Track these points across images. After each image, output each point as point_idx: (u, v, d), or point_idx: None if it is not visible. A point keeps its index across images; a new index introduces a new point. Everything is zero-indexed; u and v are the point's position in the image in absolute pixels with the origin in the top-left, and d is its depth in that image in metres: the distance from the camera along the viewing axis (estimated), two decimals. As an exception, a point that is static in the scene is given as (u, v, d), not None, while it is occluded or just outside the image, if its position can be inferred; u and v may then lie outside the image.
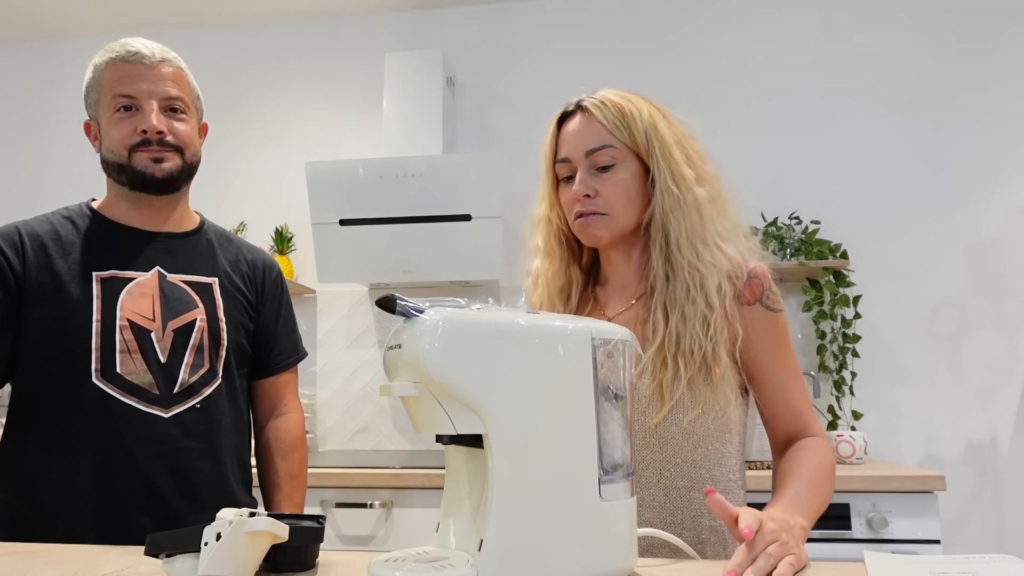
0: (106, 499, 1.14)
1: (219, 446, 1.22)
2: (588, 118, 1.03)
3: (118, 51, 1.20)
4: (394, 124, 2.61)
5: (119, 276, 1.20)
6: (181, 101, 1.23)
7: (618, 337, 0.73)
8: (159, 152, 1.20)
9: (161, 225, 1.28)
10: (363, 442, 2.73)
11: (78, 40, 3.13)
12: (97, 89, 1.22)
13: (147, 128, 1.18)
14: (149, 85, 1.19)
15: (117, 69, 1.20)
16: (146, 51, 1.21)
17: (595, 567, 0.69)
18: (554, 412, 0.68)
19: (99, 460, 1.13)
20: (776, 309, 1.03)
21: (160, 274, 1.23)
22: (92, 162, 3.29)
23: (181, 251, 1.27)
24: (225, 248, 1.35)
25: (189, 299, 1.24)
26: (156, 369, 1.17)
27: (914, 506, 1.85)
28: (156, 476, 1.15)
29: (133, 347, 1.16)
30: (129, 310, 1.18)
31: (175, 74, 1.23)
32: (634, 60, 2.79)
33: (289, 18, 3.02)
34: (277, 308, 1.39)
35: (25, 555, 0.86)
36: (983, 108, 2.58)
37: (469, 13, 2.91)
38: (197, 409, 1.20)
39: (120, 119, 1.19)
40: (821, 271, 2.46)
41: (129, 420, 1.15)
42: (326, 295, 2.83)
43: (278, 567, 0.76)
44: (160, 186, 1.23)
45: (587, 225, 1.03)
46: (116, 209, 1.26)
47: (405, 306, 0.67)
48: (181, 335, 1.20)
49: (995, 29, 2.60)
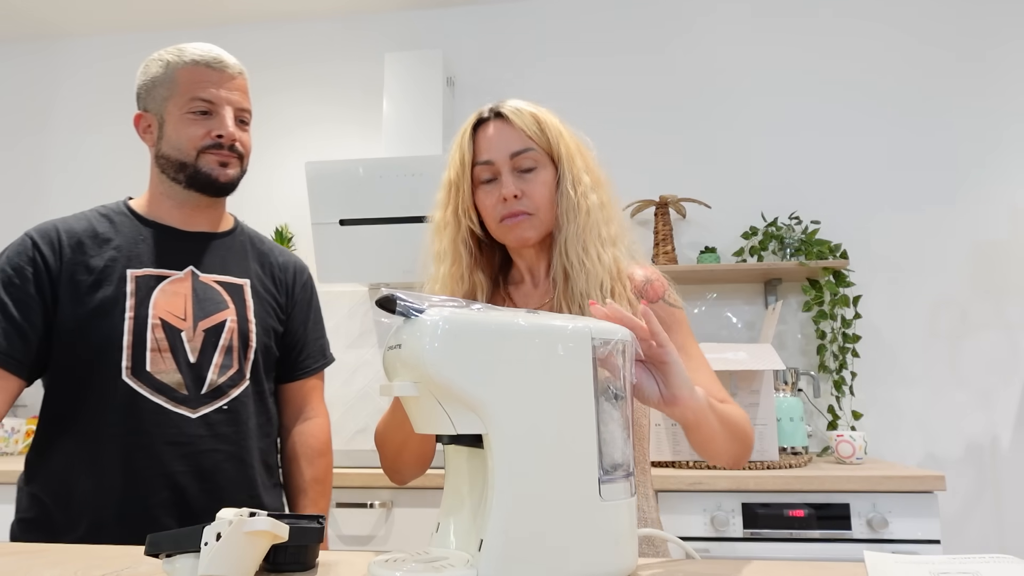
0: (131, 498, 1.14)
1: (246, 448, 1.22)
2: (506, 124, 1.07)
3: (203, 55, 1.24)
4: (394, 124, 2.61)
5: (153, 274, 1.21)
6: (248, 113, 1.28)
7: (618, 337, 0.73)
8: (227, 157, 1.24)
9: (199, 225, 1.29)
10: (363, 442, 2.73)
11: (78, 40, 3.13)
12: (169, 86, 1.23)
13: (224, 134, 1.22)
14: (228, 93, 1.24)
15: (199, 72, 1.23)
16: (229, 61, 1.26)
17: (595, 567, 0.69)
18: (554, 412, 0.68)
19: (126, 459, 1.14)
20: (678, 306, 1.10)
21: (193, 273, 1.24)
22: (91, 162, 3.28)
23: (215, 251, 1.29)
24: (258, 250, 1.36)
25: (220, 299, 1.24)
26: (185, 369, 1.18)
27: (914, 506, 1.86)
28: (182, 477, 1.15)
29: (164, 346, 1.17)
30: (162, 308, 1.18)
31: (247, 88, 1.29)
32: (633, 60, 2.79)
33: (289, 18, 3.02)
34: (306, 312, 1.40)
35: (25, 555, 0.86)
36: (984, 108, 2.58)
37: (469, 13, 2.91)
38: (224, 411, 1.20)
39: (194, 120, 1.22)
40: (821, 271, 2.45)
41: (157, 419, 1.15)
42: (326, 295, 2.81)
43: (278, 567, 0.76)
44: (220, 189, 1.27)
45: (516, 226, 1.05)
46: (157, 207, 1.28)
47: (405, 306, 0.67)
48: (211, 335, 1.21)
49: (997, 28, 2.60)
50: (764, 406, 2.06)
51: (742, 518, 1.89)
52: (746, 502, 1.90)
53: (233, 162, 1.25)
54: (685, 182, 2.67)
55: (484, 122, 1.09)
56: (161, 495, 1.14)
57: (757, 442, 2.07)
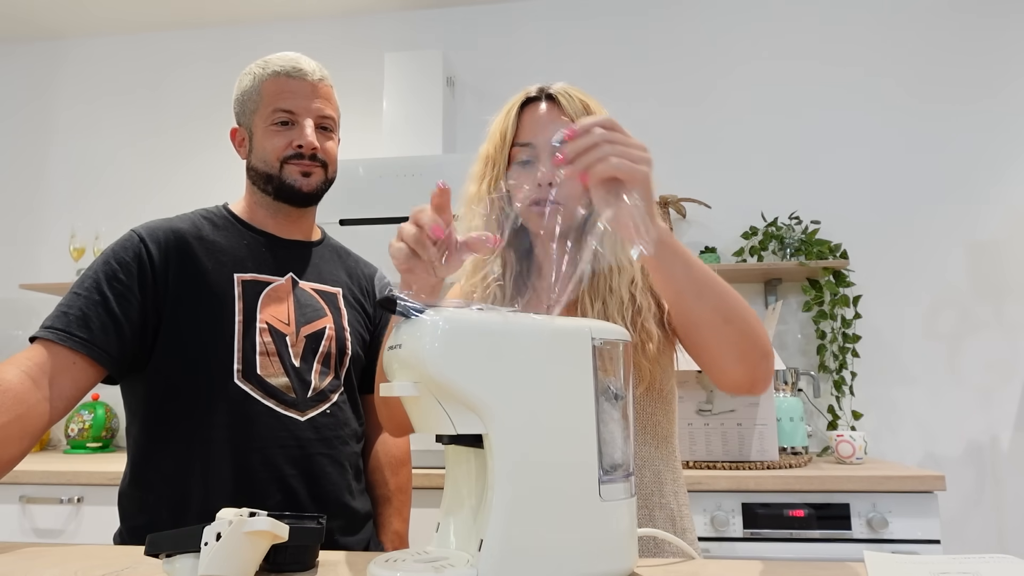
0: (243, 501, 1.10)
1: (343, 453, 1.22)
2: (555, 106, 1.04)
3: (283, 65, 1.23)
4: (394, 124, 2.61)
5: (258, 279, 1.21)
6: (332, 120, 1.27)
7: (618, 337, 0.73)
8: (309, 167, 1.24)
9: (294, 234, 1.31)
10: (363, 442, 2.73)
11: (78, 40, 3.13)
12: (256, 99, 1.24)
13: (303, 143, 1.22)
14: (308, 102, 1.23)
15: (280, 83, 1.23)
16: (308, 68, 1.24)
17: (595, 567, 0.69)
18: (554, 412, 0.68)
19: (238, 462, 1.12)
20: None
21: (293, 280, 1.25)
22: (91, 162, 3.29)
23: (311, 260, 1.30)
24: (345, 260, 1.38)
25: (319, 307, 1.25)
26: (292, 373, 1.18)
27: (914, 506, 1.86)
28: (292, 480, 1.14)
29: (271, 349, 1.17)
30: (268, 313, 1.19)
31: (329, 93, 1.27)
32: (633, 60, 2.79)
33: (289, 18, 3.02)
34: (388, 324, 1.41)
35: (25, 555, 0.86)
36: (984, 108, 2.58)
37: (469, 13, 2.91)
38: (328, 415, 1.20)
39: (276, 131, 1.23)
40: (821, 271, 2.45)
41: (268, 422, 1.14)
42: (326, 295, 2.83)
43: (278, 567, 0.76)
44: (305, 199, 1.27)
45: (542, 215, 1.01)
46: (254, 214, 1.29)
47: (405, 306, 0.67)
48: (311, 341, 1.21)
49: (997, 28, 2.61)
50: (764, 406, 2.06)
51: (742, 518, 1.89)
52: (746, 502, 1.90)
53: (316, 171, 1.25)
54: (685, 182, 2.67)
55: (532, 101, 1.06)
56: (274, 498, 1.13)
57: (757, 442, 2.07)
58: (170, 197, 2.94)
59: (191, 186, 2.96)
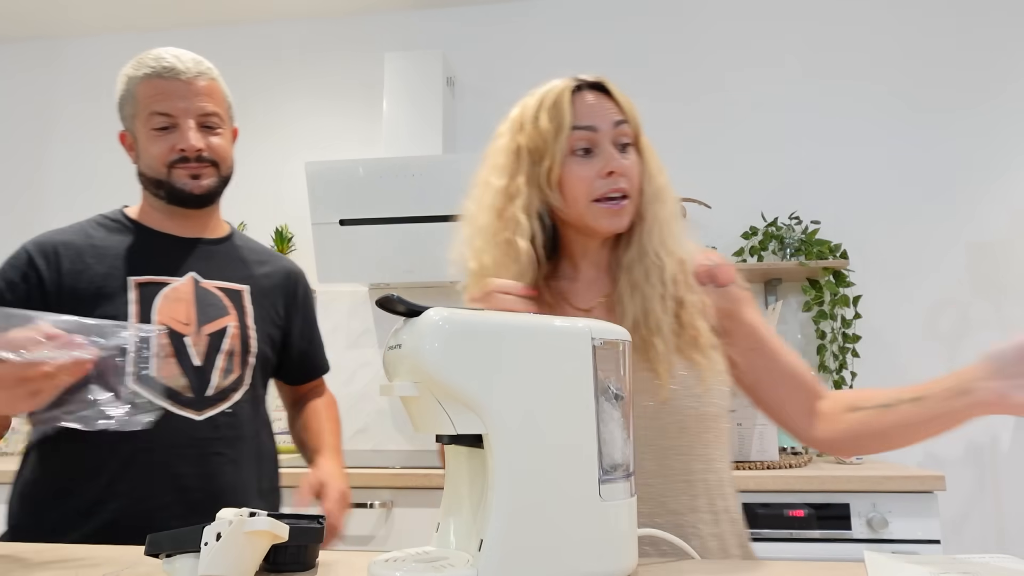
0: (136, 500, 1.13)
1: (244, 452, 1.23)
2: (605, 95, 0.99)
3: (152, 65, 1.20)
4: (394, 124, 2.61)
5: (155, 281, 1.21)
6: (216, 116, 1.24)
7: (618, 337, 0.73)
8: (197, 169, 1.22)
9: (195, 232, 1.29)
10: (363, 442, 2.73)
11: (78, 40, 3.13)
12: (132, 103, 1.22)
13: (186, 147, 1.19)
14: (186, 103, 1.20)
15: (152, 85, 1.20)
16: (181, 65, 1.21)
17: (595, 567, 0.69)
18: (554, 412, 0.68)
19: (131, 462, 1.13)
20: (746, 288, 1.06)
21: (195, 280, 1.24)
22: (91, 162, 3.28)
23: (215, 257, 1.29)
24: (255, 256, 1.36)
25: (222, 305, 1.25)
26: (191, 373, 1.18)
27: (914, 506, 1.85)
28: (187, 479, 1.15)
29: (168, 351, 1.17)
30: (165, 315, 1.18)
31: (209, 87, 1.24)
32: (634, 60, 2.79)
33: (289, 18, 3.02)
34: (307, 318, 1.43)
35: (25, 555, 0.86)
36: (984, 108, 2.58)
37: (469, 13, 2.91)
38: (228, 414, 1.20)
39: (158, 136, 1.20)
40: (821, 271, 2.45)
41: (161, 423, 1.13)
42: (326, 295, 2.82)
43: (278, 567, 0.76)
44: (198, 202, 1.25)
45: (618, 211, 0.94)
46: (151, 217, 1.28)
47: (406, 306, 0.67)
48: (215, 340, 1.21)
49: (996, 28, 2.60)
50: (764, 406, 2.06)
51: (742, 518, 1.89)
52: (746, 502, 1.89)
53: (206, 172, 1.23)
54: (685, 182, 2.66)
55: (580, 89, 0.99)
56: (166, 497, 1.14)
57: (757, 442, 2.08)
58: (170, 197, 2.95)
59: (191, 186, 2.96)
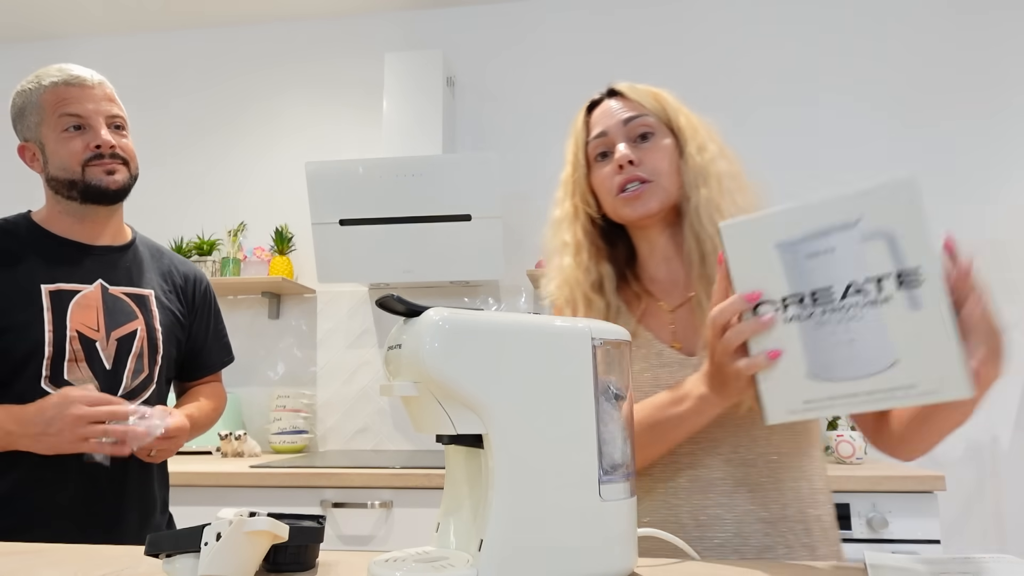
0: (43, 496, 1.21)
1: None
2: (621, 99, 1.03)
3: (57, 76, 1.28)
4: (394, 124, 2.61)
5: (65, 289, 1.27)
6: (122, 119, 1.33)
7: (618, 337, 0.73)
8: (111, 164, 1.28)
9: (101, 238, 1.35)
10: (363, 442, 2.73)
11: (78, 40, 3.13)
12: (39, 112, 1.28)
13: (101, 143, 1.26)
14: (94, 104, 1.28)
15: (60, 91, 1.27)
16: (86, 75, 1.30)
17: (595, 567, 0.69)
18: (554, 412, 0.68)
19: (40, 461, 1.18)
20: None
21: (103, 287, 1.31)
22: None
23: (120, 264, 1.35)
24: (158, 261, 1.43)
25: (129, 310, 1.32)
26: (101, 376, 1.25)
27: (914, 506, 1.85)
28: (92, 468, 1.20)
29: (80, 356, 1.24)
30: (77, 321, 1.25)
31: (112, 95, 1.33)
32: (634, 60, 2.79)
33: (289, 18, 3.02)
34: (207, 318, 1.50)
35: (25, 555, 0.86)
36: (985, 108, 2.58)
37: (469, 13, 2.91)
38: None
39: (70, 137, 1.27)
40: (821, 271, 2.45)
41: None
42: (326, 295, 2.83)
43: (278, 567, 0.76)
44: (114, 197, 1.31)
45: (637, 197, 0.97)
46: (59, 223, 1.33)
47: (406, 306, 0.67)
48: (124, 344, 1.29)
49: (997, 28, 2.60)
50: (764, 406, 2.06)
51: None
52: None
53: (119, 168, 1.30)
54: (685, 182, 2.67)
55: (597, 103, 1.05)
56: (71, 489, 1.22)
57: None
58: (170, 196, 2.94)
59: (191, 185, 2.96)
